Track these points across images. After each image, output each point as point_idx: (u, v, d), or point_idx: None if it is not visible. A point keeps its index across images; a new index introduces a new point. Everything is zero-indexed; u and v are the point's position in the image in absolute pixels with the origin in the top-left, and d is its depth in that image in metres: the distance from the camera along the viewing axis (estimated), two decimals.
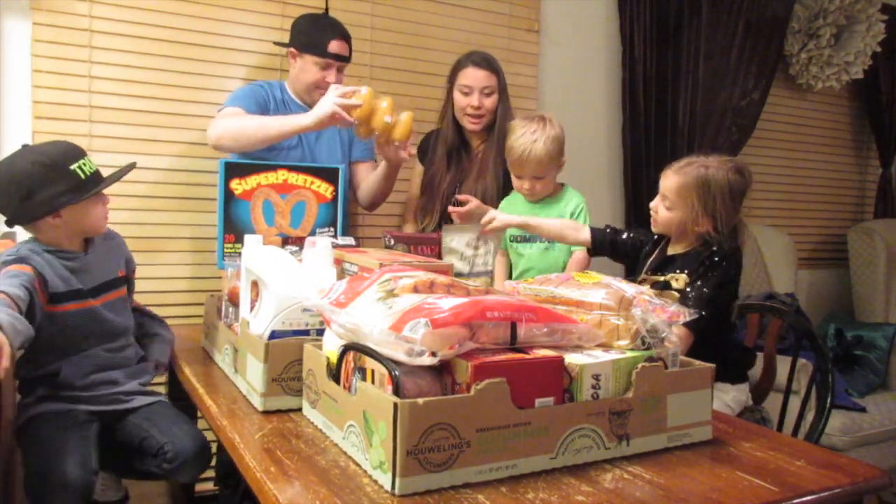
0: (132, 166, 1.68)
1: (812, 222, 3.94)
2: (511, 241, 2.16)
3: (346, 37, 2.19)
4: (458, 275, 1.99)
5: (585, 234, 1.94)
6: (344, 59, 2.19)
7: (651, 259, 1.83)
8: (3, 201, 1.52)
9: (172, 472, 1.56)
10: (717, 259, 1.66)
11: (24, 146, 1.56)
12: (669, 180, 1.73)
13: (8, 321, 1.24)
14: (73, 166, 1.52)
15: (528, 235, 2.10)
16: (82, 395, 1.59)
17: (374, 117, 1.93)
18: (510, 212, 2.07)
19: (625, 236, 1.92)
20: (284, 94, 2.23)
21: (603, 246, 1.94)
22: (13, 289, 1.36)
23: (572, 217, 2.08)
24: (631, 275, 1.90)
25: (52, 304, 1.54)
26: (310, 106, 2.14)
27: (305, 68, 2.16)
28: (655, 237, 1.86)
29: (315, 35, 2.15)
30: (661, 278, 1.76)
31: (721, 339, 1.73)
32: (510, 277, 2.13)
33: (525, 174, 2.04)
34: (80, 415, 1.57)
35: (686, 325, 1.59)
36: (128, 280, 1.75)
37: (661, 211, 1.75)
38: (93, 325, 1.61)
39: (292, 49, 2.18)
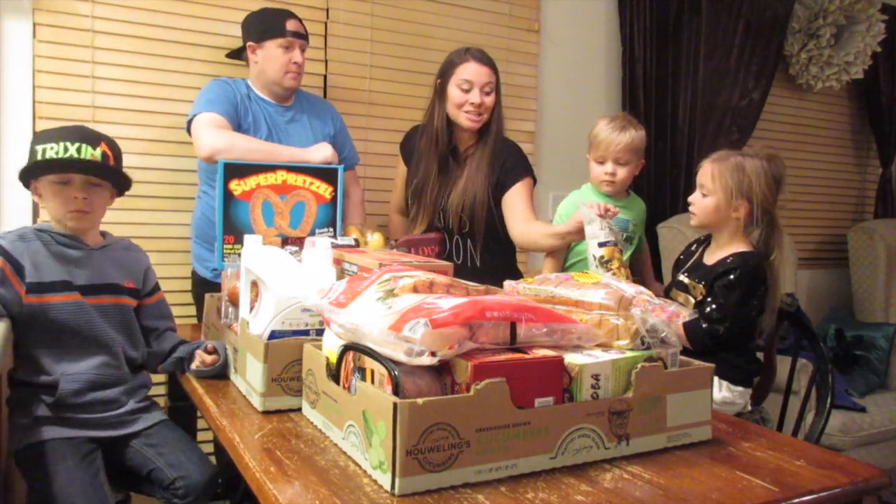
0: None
1: (812, 222, 3.94)
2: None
3: (297, 17, 2.22)
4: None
5: None
6: (304, 37, 2.21)
7: (692, 261, 1.89)
8: None
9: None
10: (736, 278, 1.72)
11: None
12: (704, 169, 1.80)
13: None
14: (38, 146, 1.54)
15: None
16: (81, 418, 1.54)
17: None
18: (577, 206, 1.99)
19: None
20: (250, 90, 2.22)
21: None
22: None
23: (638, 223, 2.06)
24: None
25: (38, 293, 1.52)
26: (277, 97, 2.22)
27: (270, 56, 2.16)
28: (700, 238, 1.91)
29: (269, 21, 2.18)
30: (686, 281, 1.82)
31: (735, 344, 1.77)
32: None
33: (609, 156, 1.99)
34: (83, 444, 1.51)
35: (703, 335, 1.69)
36: (138, 294, 1.68)
37: (698, 200, 1.81)
38: (83, 323, 1.56)
39: (251, 43, 2.19)
